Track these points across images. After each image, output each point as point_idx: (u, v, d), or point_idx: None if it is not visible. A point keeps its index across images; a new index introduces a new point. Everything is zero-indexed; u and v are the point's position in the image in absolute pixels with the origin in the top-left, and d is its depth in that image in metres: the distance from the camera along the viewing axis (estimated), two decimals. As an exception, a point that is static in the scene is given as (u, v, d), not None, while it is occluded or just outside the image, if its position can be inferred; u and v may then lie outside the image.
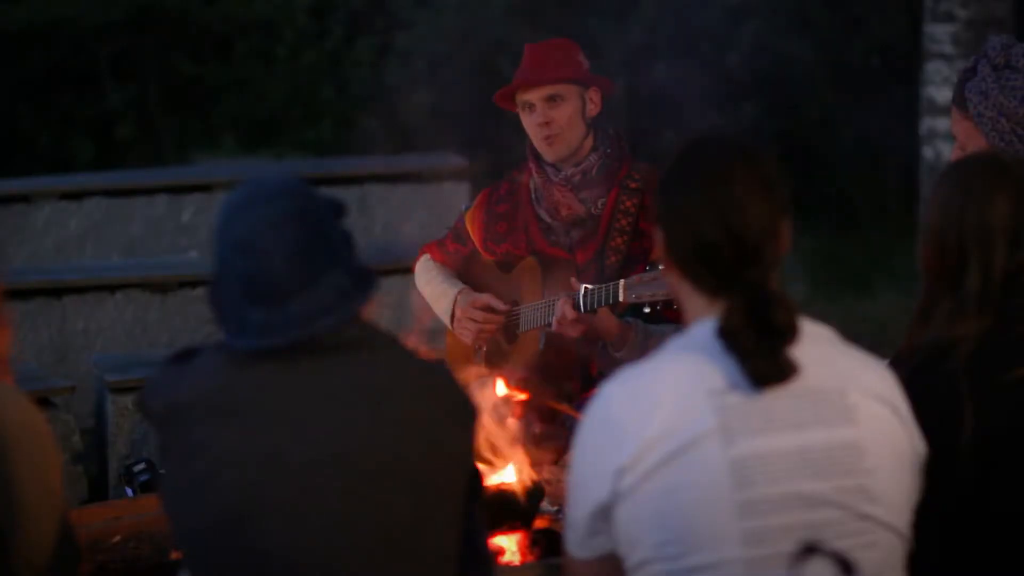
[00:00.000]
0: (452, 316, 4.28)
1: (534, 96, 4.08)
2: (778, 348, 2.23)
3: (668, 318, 3.81)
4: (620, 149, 4.16)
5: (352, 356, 2.35)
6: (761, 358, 2.22)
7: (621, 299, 3.80)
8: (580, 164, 4.12)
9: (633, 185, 4.11)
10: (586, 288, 3.90)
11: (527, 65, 4.12)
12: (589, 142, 4.13)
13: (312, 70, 10.00)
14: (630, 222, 4.08)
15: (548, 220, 4.21)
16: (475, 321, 4.23)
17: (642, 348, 3.90)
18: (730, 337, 2.23)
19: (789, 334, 2.24)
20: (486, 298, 4.23)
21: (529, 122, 4.11)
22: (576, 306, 3.90)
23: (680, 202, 2.31)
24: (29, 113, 9.92)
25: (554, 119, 4.07)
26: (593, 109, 4.13)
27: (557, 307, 3.95)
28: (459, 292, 4.28)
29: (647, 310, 3.78)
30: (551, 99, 4.08)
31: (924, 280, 2.73)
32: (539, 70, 4.09)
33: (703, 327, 2.29)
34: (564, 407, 3.91)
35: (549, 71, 4.08)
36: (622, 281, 3.81)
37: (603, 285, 3.86)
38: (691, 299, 2.33)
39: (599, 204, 4.14)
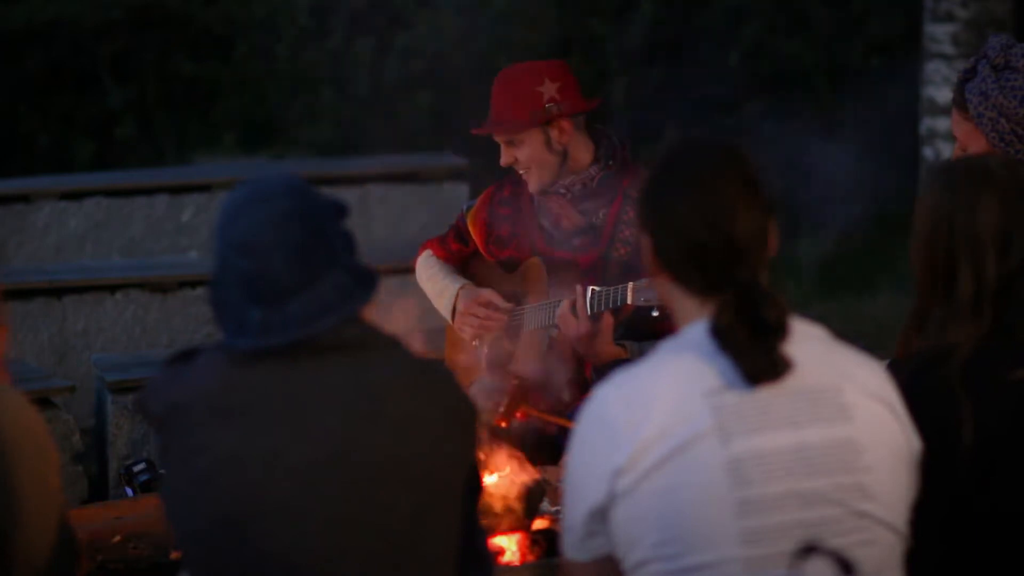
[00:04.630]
0: (454, 312, 4.27)
1: (497, 137, 4.10)
2: (771, 345, 2.24)
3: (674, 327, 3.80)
4: (623, 160, 4.12)
5: (352, 356, 2.35)
6: (754, 355, 2.23)
7: (629, 301, 3.77)
8: (580, 175, 4.10)
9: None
10: (593, 290, 3.87)
11: (491, 104, 4.11)
12: (590, 154, 4.10)
13: (312, 70, 10.00)
14: (633, 233, 4.06)
15: (549, 228, 4.20)
16: (477, 317, 4.22)
17: None
18: (723, 335, 2.24)
19: (781, 331, 2.24)
20: (488, 294, 4.22)
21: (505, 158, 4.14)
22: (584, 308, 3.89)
23: (668, 207, 2.32)
24: (29, 113, 9.91)
25: (517, 158, 4.09)
26: (563, 136, 4.07)
27: (561, 305, 3.94)
28: (461, 287, 4.27)
29: (655, 313, 3.76)
30: (510, 143, 4.09)
31: (917, 285, 2.73)
32: (494, 114, 4.09)
33: (696, 328, 2.29)
34: (557, 419, 3.90)
35: (501, 116, 4.07)
36: (631, 284, 3.78)
37: (611, 287, 3.84)
38: (682, 302, 2.34)
39: (600, 215, 4.12)
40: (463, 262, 4.38)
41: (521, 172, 4.10)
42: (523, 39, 9.19)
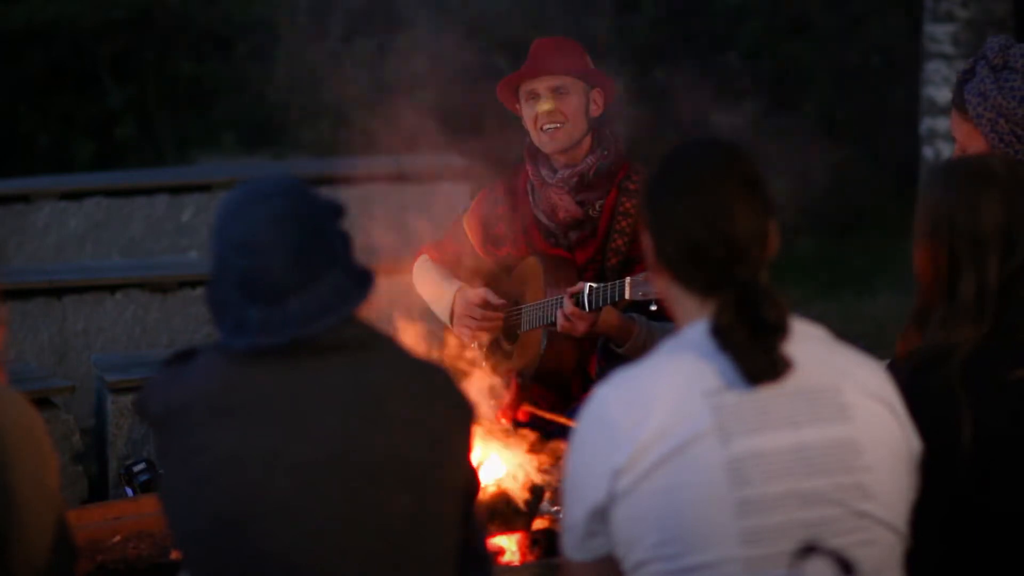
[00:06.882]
0: (451, 314, 4.28)
1: (540, 86, 4.09)
2: (771, 344, 2.24)
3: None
4: (617, 152, 4.15)
5: (351, 356, 2.35)
6: (754, 355, 2.23)
7: (627, 296, 3.79)
8: (577, 166, 4.12)
9: (632, 187, 4.11)
10: (590, 287, 3.88)
11: (535, 56, 4.13)
12: (587, 144, 4.13)
13: (312, 70, 9.99)
14: (630, 223, 4.08)
15: (546, 222, 4.21)
16: (474, 318, 4.22)
17: (645, 344, 3.90)
18: (723, 334, 2.24)
19: (780, 330, 2.24)
20: (483, 292, 4.22)
21: (531, 112, 4.11)
22: (580, 305, 3.90)
23: (668, 207, 2.32)
24: (29, 113, 9.92)
25: (558, 108, 4.08)
26: (595, 110, 4.14)
27: (564, 303, 3.94)
28: (458, 290, 4.28)
29: (653, 307, 3.77)
30: (557, 90, 4.09)
31: (919, 284, 2.73)
32: (547, 60, 4.10)
33: (696, 328, 2.29)
34: (556, 416, 3.90)
35: (557, 62, 4.09)
36: (628, 279, 3.79)
37: (608, 283, 3.85)
38: (682, 302, 2.34)
39: (597, 206, 4.14)
40: (461, 264, 4.38)
41: (554, 126, 4.09)
42: (523, 39, 9.19)
